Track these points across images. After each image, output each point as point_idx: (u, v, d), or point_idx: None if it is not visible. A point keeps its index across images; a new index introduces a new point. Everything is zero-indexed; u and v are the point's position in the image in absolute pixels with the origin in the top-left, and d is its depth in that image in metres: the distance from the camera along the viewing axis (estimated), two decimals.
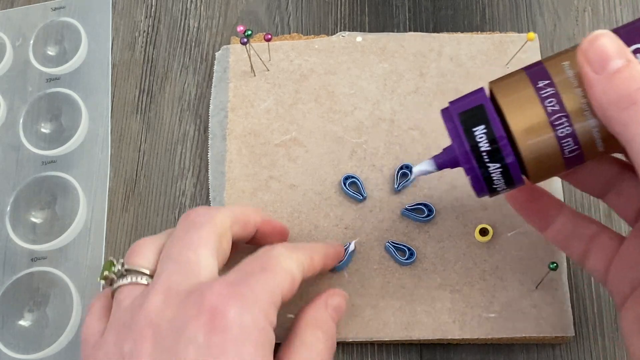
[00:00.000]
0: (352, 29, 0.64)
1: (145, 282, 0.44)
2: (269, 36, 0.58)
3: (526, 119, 0.39)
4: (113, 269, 0.45)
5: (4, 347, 0.55)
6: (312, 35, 0.63)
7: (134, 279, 0.44)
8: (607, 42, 0.37)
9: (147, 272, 0.44)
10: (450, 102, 0.43)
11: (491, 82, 0.42)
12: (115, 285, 0.45)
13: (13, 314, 0.56)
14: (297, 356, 0.45)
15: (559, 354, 0.53)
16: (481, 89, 0.42)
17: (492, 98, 0.41)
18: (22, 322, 0.56)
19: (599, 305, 0.54)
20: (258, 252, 0.45)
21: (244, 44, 0.56)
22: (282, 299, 0.43)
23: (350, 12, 0.65)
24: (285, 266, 0.44)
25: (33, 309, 0.56)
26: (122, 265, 0.45)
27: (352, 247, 0.54)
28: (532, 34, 0.56)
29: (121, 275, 0.45)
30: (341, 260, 0.54)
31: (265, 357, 0.40)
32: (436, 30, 0.63)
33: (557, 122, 0.38)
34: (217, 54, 0.62)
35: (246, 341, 0.39)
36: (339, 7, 0.65)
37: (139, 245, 0.46)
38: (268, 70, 0.61)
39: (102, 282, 0.46)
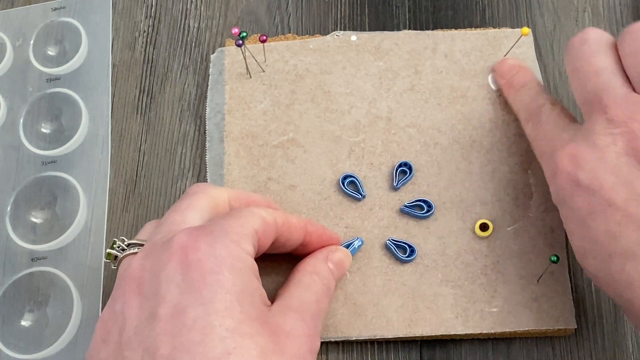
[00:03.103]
0: (352, 29, 0.64)
1: None
2: (264, 37, 0.58)
3: None
4: (115, 246, 0.47)
5: (4, 347, 0.55)
6: (307, 35, 0.63)
7: (132, 250, 0.46)
8: None
9: (145, 242, 0.46)
10: None
11: None
12: (117, 260, 0.47)
13: (13, 314, 0.56)
14: (293, 293, 0.45)
15: (559, 351, 0.53)
16: None
17: None
18: (22, 322, 0.55)
19: (598, 302, 0.54)
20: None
21: (239, 45, 0.56)
22: (256, 233, 0.44)
23: (350, 12, 0.65)
24: (253, 210, 0.45)
25: (33, 309, 0.56)
26: (123, 241, 0.47)
27: (359, 242, 0.54)
28: (526, 29, 0.56)
29: (122, 249, 0.46)
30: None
31: (246, 282, 0.41)
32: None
33: None
34: (212, 56, 0.62)
35: (222, 268, 0.40)
36: (339, 8, 0.65)
37: (144, 225, 0.49)
38: (264, 71, 0.61)
39: (108, 261, 0.48)
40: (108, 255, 0.47)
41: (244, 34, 0.55)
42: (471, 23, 0.63)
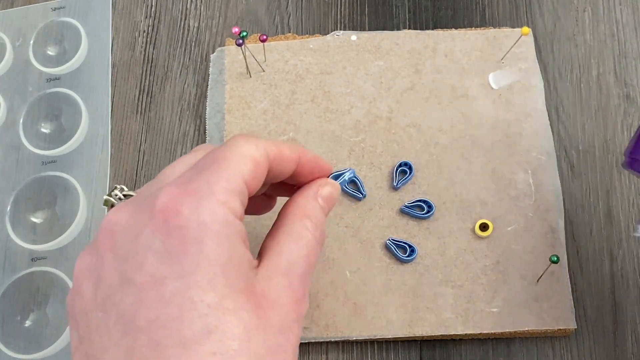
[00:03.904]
0: (352, 29, 0.64)
1: None
2: (264, 37, 0.58)
3: None
4: (113, 193, 0.44)
5: (4, 347, 0.55)
6: (307, 35, 0.63)
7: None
8: None
9: None
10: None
11: None
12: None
13: (13, 314, 0.56)
14: (283, 247, 0.41)
15: (559, 351, 0.53)
16: None
17: None
18: (22, 322, 0.55)
19: (598, 302, 0.54)
20: (213, 148, 0.42)
21: (239, 45, 0.56)
22: (245, 183, 0.40)
23: (350, 12, 0.65)
24: (242, 150, 0.40)
25: (33, 309, 0.56)
26: (121, 190, 0.44)
27: (350, 174, 0.51)
28: (526, 29, 0.56)
29: (119, 199, 0.44)
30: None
31: (232, 250, 0.37)
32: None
33: None
34: (212, 56, 0.63)
35: (205, 237, 0.37)
36: (339, 8, 0.65)
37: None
38: (264, 71, 0.61)
39: (105, 207, 0.45)
40: (105, 201, 0.44)
41: (244, 34, 0.55)
42: (471, 23, 0.63)
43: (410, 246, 0.54)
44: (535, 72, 0.59)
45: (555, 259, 0.49)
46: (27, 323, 0.56)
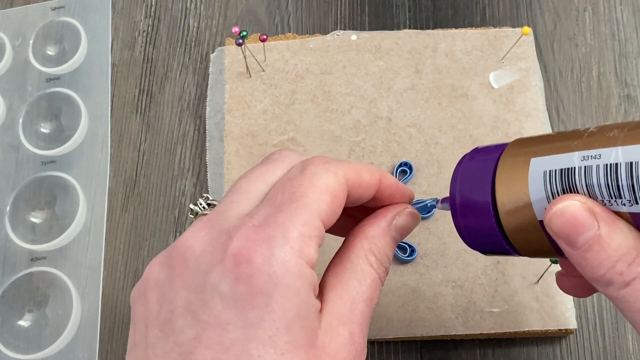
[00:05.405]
0: (352, 28, 0.64)
1: None
2: (264, 37, 0.58)
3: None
4: (199, 202, 0.42)
5: (4, 347, 0.55)
6: (307, 35, 0.63)
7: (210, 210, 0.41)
8: (568, 218, 0.33)
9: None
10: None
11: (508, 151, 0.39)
12: (197, 217, 0.42)
13: (13, 314, 0.56)
14: (345, 287, 0.39)
15: (559, 352, 0.53)
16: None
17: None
18: (22, 322, 0.56)
19: (598, 302, 0.54)
20: (289, 173, 0.39)
21: (239, 44, 0.56)
22: (322, 222, 0.38)
23: (350, 12, 0.65)
24: (320, 185, 0.38)
25: (33, 309, 0.56)
26: (206, 199, 0.43)
27: (431, 202, 0.48)
28: (526, 29, 0.56)
29: (204, 207, 0.42)
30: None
31: (301, 304, 0.36)
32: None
33: None
34: (211, 55, 0.63)
35: (274, 290, 0.35)
36: (339, 7, 0.65)
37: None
38: (264, 70, 0.61)
39: (192, 217, 0.43)
40: (191, 210, 0.42)
41: (244, 33, 0.55)
42: (471, 22, 0.63)
43: (410, 246, 0.54)
44: (535, 72, 0.59)
45: (555, 259, 0.49)
46: (27, 323, 0.56)
